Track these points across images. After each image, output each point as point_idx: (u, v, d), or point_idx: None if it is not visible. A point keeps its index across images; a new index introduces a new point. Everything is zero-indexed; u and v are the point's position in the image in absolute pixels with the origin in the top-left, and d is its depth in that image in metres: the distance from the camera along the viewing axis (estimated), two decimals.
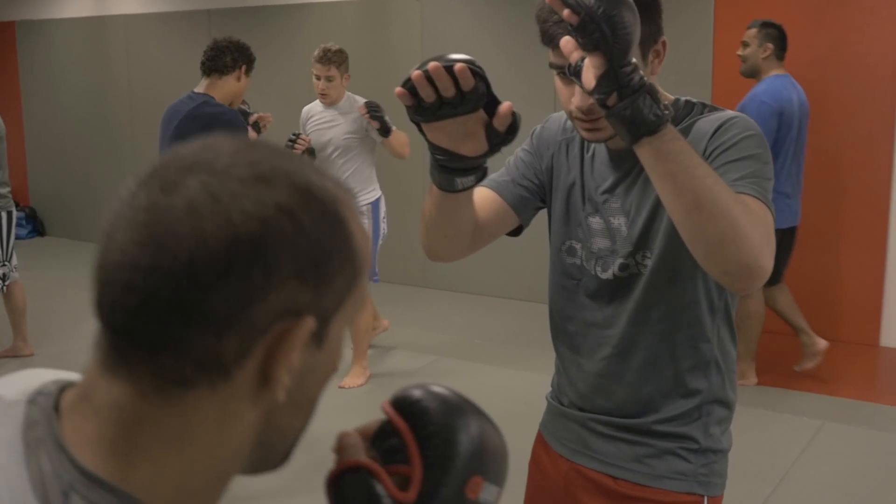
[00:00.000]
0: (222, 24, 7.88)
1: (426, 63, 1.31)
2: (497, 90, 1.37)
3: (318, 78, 4.75)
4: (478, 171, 1.49)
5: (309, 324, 0.69)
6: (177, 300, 0.65)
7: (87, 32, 9.20)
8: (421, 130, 1.42)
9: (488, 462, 0.86)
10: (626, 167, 1.64)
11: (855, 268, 5.65)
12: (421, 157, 6.83)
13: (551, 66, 1.56)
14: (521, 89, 6.21)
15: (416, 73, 1.31)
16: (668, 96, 1.64)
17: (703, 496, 1.67)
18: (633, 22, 1.30)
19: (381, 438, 0.88)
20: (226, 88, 3.91)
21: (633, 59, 1.33)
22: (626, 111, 1.33)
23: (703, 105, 1.64)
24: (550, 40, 1.53)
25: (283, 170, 0.70)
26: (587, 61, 1.36)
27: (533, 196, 1.78)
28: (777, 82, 4.68)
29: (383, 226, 4.98)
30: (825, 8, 5.56)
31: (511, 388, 4.97)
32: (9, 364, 5.49)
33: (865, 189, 5.57)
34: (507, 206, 1.76)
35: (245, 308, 0.66)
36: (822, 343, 4.95)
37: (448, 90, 1.31)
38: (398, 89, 1.34)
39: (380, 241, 4.96)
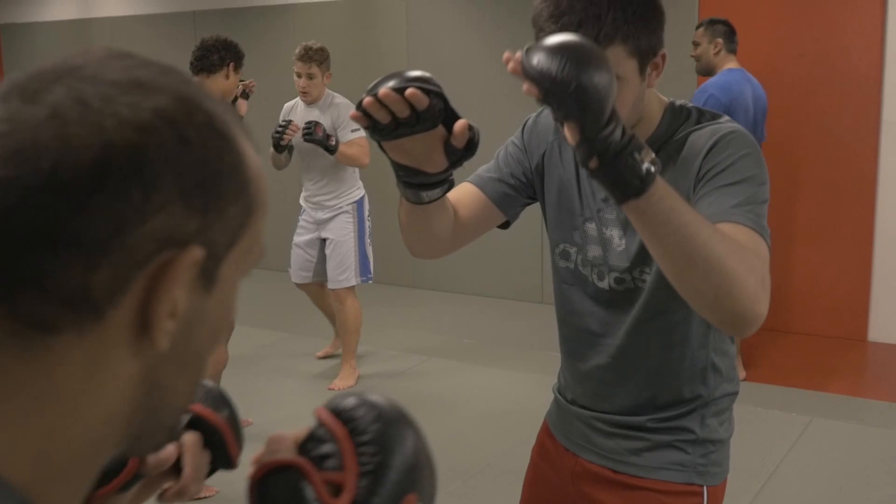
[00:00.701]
0: (207, 26, 7.85)
1: (379, 84, 1.28)
2: (482, 89, 1.37)
3: (300, 76, 4.73)
4: (443, 183, 1.47)
5: (195, 254, 0.59)
6: (39, 221, 0.55)
7: (72, 35, 9.17)
8: (382, 148, 1.39)
9: (423, 480, 0.81)
10: None
11: (842, 263, 5.67)
12: None
13: (527, 93, 1.50)
14: (506, 88, 6.22)
15: (367, 100, 1.27)
16: (662, 99, 1.62)
17: (702, 486, 1.68)
18: (605, 82, 1.22)
19: (313, 444, 0.81)
20: (214, 87, 3.91)
21: (611, 119, 1.24)
22: (608, 175, 1.26)
23: (700, 112, 1.60)
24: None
25: (163, 78, 0.61)
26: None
27: (519, 194, 1.75)
28: (729, 76, 4.70)
29: (368, 223, 4.96)
30: (808, 4, 5.57)
31: (500, 387, 4.97)
32: None
33: (851, 184, 5.59)
34: (492, 203, 1.73)
35: (120, 232, 0.56)
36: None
37: (402, 112, 1.28)
38: (352, 112, 1.32)
39: (367, 239, 4.93)
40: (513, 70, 1.26)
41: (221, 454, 0.94)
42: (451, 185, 1.49)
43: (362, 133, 4.69)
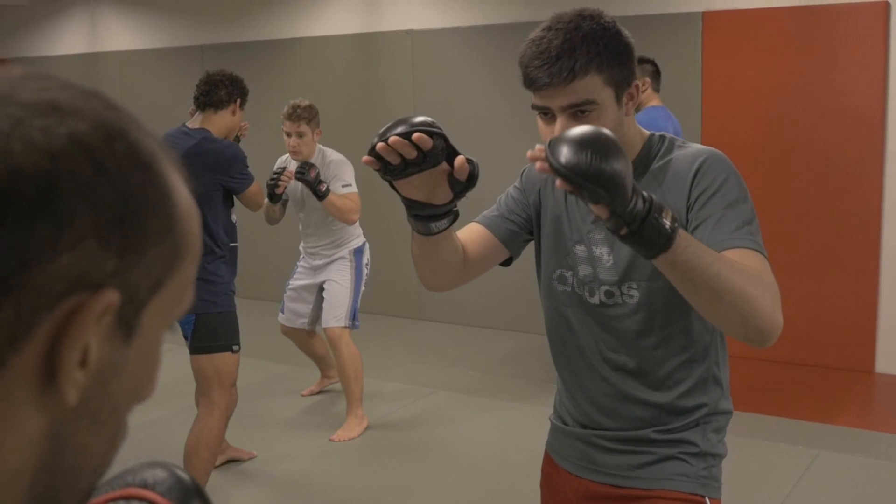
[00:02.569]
0: (215, 60, 7.91)
1: (388, 131, 1.48)
2: (487, 122, 1.49)
3: (289, 135, 4.62)
4: (450, 214, 1.64)
5: (110, 298, 0.53)
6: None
7: (81, 69, 9.24)
8: (393, 186, 1.58)
9: None
10: None
11: (848, 294, 5.66)
12: None
13: (534, 107, 1.67)
14: (511, 122, 6.25)
15: (380, 145, 1.47)
16: (644, 132, 1.78)
17: (704, 497, 1.77)
18: (624, 166, 1.38)
19: None
20: (221, 123, 3.90)
21: (633, 194, 1.39)
22: (639, 240, 1.43)
23: (674, 140, 1.77)
24: (532, 83, 1.64)
25: (83, 102, 0.56)
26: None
27: (521, 230, 1.89)
28: (654, 113, 4.89)
29: (366, 272, 4.91)
30: (810, 37, 5.60)
31: (505, 420, 4.95)
32: None
33: (856, 215, 5.59)
34: (497, 239, 1.87)
35: (25, 269, 0.50)
36: None
37: (410, 153, 1.47)
38: (365, 158, 1.51)
39: (362, 289, 4.88)
40: (541, 169, 1.40)
41: None
42: (456, 216, 1.66)
43: (354, 189, 4.64)
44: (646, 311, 1.74)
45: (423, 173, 1.53)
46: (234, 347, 3.82)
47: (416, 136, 1.46)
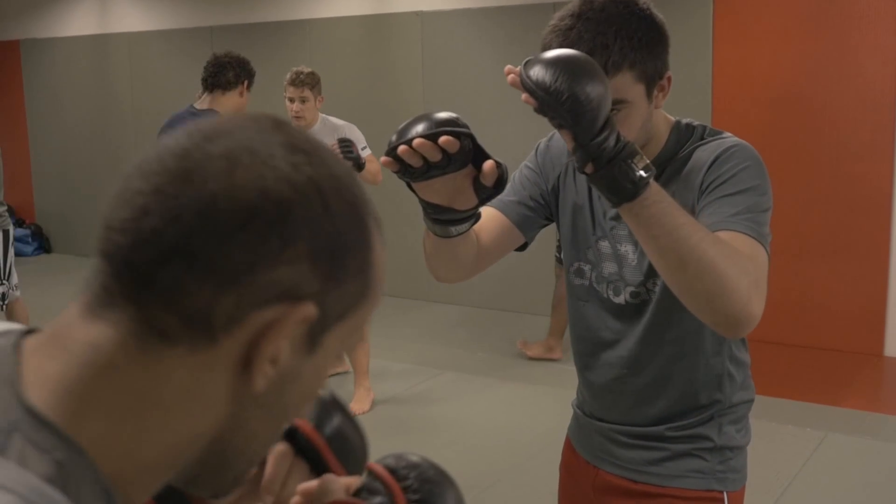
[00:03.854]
0: (224, 41, 7.91)
1: (408, 129, 1.31)
2: (496, 103, 1.39)
3: (292, 100, 4.66)
4: (472, 218, 1.49)
5: (309, 312, 0.65)
6: (188, 238, 0.62)
7: (90, 50, 9.25)
8: (411, 187, 1.42)
9: None
10: None
11: (858, 278, 5.65)
12: None
13: (525, 103, 1.55)
14: (520, 104, 6.22)
15: (402, 149, 1.30)
16: (669, 119, 1.67)
17: (722, 492, 1.72)
18: (598, 93, 1.29)
19: (367, 493, 0.89)
20: (229, 104, 3.93)
21: (604, 128, 1.31)
22: (603, 180, 1.34)
23: (704, 128, 1.65)
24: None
25: (323, 154, 0.69)
26: None
27: (537, 215, 1.79)
28: None
29: None
30: (822, 19, 5.57)
31: (513, 401, 4.97)
32: None
33: (867, 199, 5.58)
34: (513, 225, 1.76)
35: (252, 270, 0.62)
36: (557, 353, 5.63)
37: (434, 156, 1.30)
38: (384, 158, 1.34)
39: None
40: (512, 82, 1.33)
41: (321, 466, 0.95)
42: (478, 219, 1.52)
43: (370, 150, 4.72)
44: (661, 306, 1.66)
45: (447, 176, 1.35)
46: None
47: (442, 140, 1.28)
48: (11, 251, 5.44)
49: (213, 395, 0.65)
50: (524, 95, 1.31)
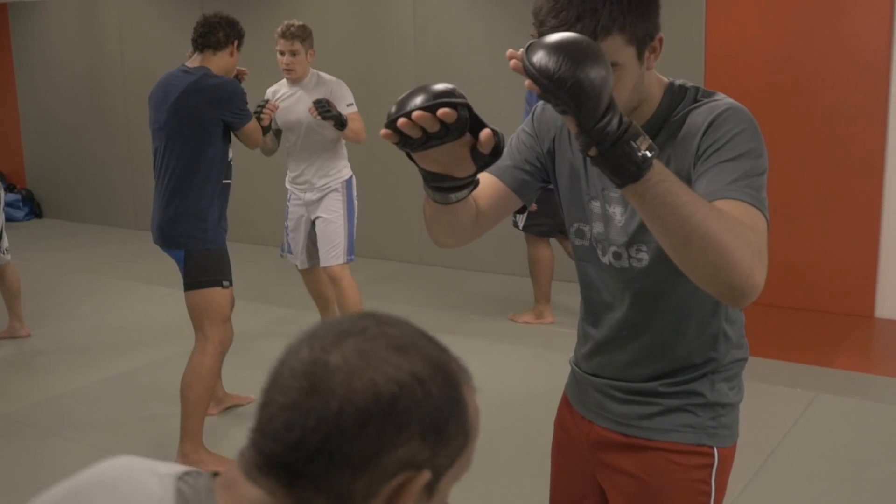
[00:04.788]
0: (214, 3, 7.85)
1: (407, 101, 1.35)
2: (488, 67, 1.40)
3: (283, 53, 4.66)
4: (470, 185, 1.53)
5: (426, 476, 0.84)
6: (326, 441, 0.81)
7: (79, 12, 9.17)
8: (411, 158, 1.46)
9: None
10: None
11: (850, 239, 5.67)
12: None
13: (528, 89, 1.54)
14: (513, 72, 6.20)
15: (402, 121, 1.34)
16: (662, 80, 1.67)
17: (712, 447, 1.75)
18: (600, 77, 1.30)
19: None
20: (220, 63, 3.92)
21: (608, 110, 1.32)
22: (607, 163, 1.35)
23: (697, 90, 1.66)
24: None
25: (419, 344, 0.88)
26: None
27: (534, 178, 1.81)
28: None
29: (357, 203, 4.91)
30: None
31: (507, 363, 5.00)
32: (6, 345, 5.51)
33: (859, 160, 5.58)
34: (510, 190, 1.80)
35: (378, 455, 0.82)
36: (549, 317, 5.65)
37: (433, 127, 1.34)
38: (383, 131, 1.36)
39: (354, 220, 4.87)
40: (514, 67, 1.34)
41: None
42: (476, 185, 1.55)
43: (355, 108, 4.69)
44: (656, 275, 1.68)
45: (445, 145, 1.39)
46: (225, 283, 3.84)
47: (441, 112, 1.32)
48: (2, 216, 5.43)
49: None
50: (527, 82, 1.32)
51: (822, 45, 5.58)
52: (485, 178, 1.75)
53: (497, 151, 1.40)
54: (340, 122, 4.53)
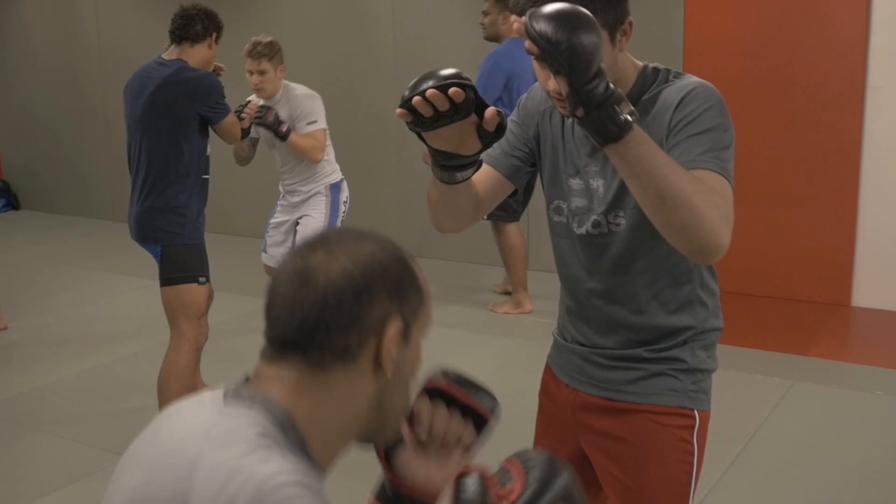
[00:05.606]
0: None
1: (420, 84, 1.50)
2: (468, 55, 1.45)
3: (251, 73, 4.53)
4: (475, 164, 1.69)
5: (398, 323, 1.14)
6: (320, 316, 1.10)
7: (57, 4, 9.09)
8: (422, 138, 1.61)
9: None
10: None
11: (826, 228, 5.70)
12: (395, 135, 6.85)
13: (528, 51, 1.66)
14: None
15: (416, 99, 1.49)
16: (637, 63, 1.81)
17: (693, 409, 1.87)
18: (592, 44, 1.45)
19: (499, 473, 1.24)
20: (197, 56, 3.88)
21: (597, 76, 1.46)
22: (592, 124, 1.49)
23: (668, 71, 1.80)
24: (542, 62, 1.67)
25: (370, 236, 1.18)
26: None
27: (524, 163, 1.96)
28: (512, 45, 5.31)
29: (343, 209, 4.85)
30: None
31: (489, 354, 5.01)
32: None
33: (836, 149, 5.61)
34: (503, 176, 1.95)
35: (360, 316, 1.11)
36: (527, 306, 5.71)
37: (443, 106, 1.49)
38: (399, 110, 1.52)
39: (337, 223, 4.80)
40: (517, 30, 1.50)
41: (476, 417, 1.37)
42: (479, 165, 1.71)
43: (321, 126, 4.60)
44: (632, 238, 1.80)
45: (454, 125, 1.54)
46: (201, 279, 3.82)
47: (451, 90, 1.47)
48: None
49: (364, 388, 1.14)
50: (527, 43, 1.47)
51: (800, 33, 5.60)
52: (485, 171, 1.92)
53: (501, 129, 1.56)
54: (276, 133, 4.43)
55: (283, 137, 4.48)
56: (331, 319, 1.10)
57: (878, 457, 3.68)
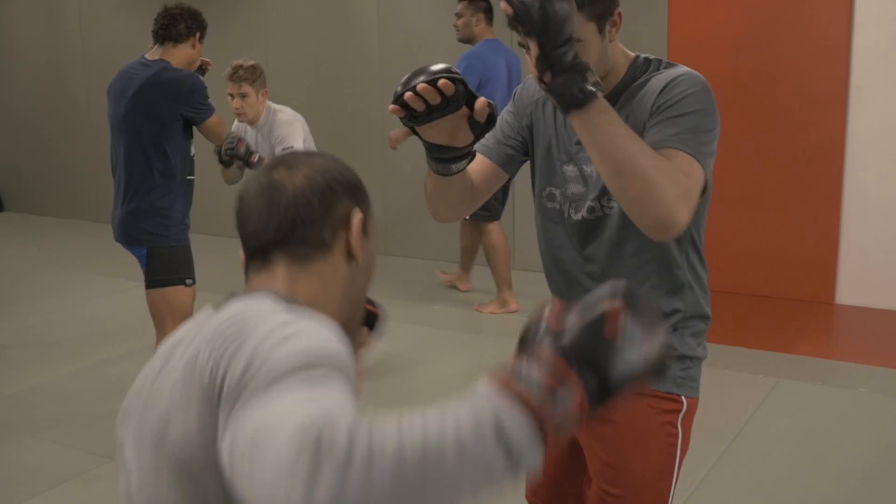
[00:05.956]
0: None
1: (411, 81, 1.58)
2: (455, 58, 1.51)
3: (232, 97, 4.41)
4: (468, 155, 1.75)
5: (360, 216, 1.31)
6: (294, 216, 1.27)
7: (40, 5, 9.05)
8: (416, 133, 1.68)
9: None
10: None
11: (810, 226, 5.73)
12: (381, 136, 6.84)
13: (520, 44, 1.73)
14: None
15: (408, 95, 1.57)
16: (629, 54, 1.87)
17: (681, 395, 1.91)
18: (563, 11, 1.51)
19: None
20: (181, 56, 3.87)
21: (566, 43, 1.52)
22: (557, 88, 1.56)
23: (660, 62, 1.86)
24: (515, 27, 1.73)
25: (320, 152, 1.38)
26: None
27: (517, 152, 2.02)
28: (486, 47, 5.42)
29: None
30: None
31: (473, 353, 5.01)
32: None
33: (819, 148, 5.64)
34: (497, 166, 2.00)
35: (328, 213, 1.29)
36: (513, 305, 5.72)
37: (434, 99, 1.57)
38: (392, 106, 1.60)
39: None
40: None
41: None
42: (473, 156, 1.78)
43: (296, 147, 4.38)
44: (623, 220, 1.81)
45: (445, 118, 1.62)
46: (188, 281, 3.81)
47: (441, 82, 1.55)
48: None
49: (341, 271, 1.31)
50: (503, 4, 1.53)
51: (783, 33, 5.63)
52: (476, 157, 1.95)
53: (491, 120, 1.64)
54: (247, 163, 4.25)
55: (254, 167, 4.26)
56: (304, 216, 1.27)
57: (863, 453, 3.71)
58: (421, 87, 1.55)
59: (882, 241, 5.57)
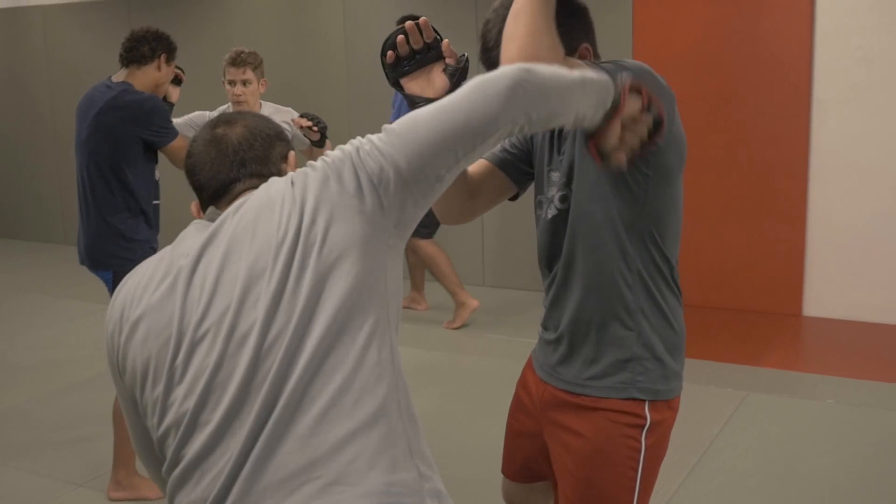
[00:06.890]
0: (141, 15, 7.76)
1: (396, 34, 1.79)
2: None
3: (233, 83, 4.26)
4: None
5: (293, 153, 1.65)
6: (246, 154, 1.57)
7: (3, 25, 8.99)
8: (400, 88, 1.86)
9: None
10: (572, 131, 1.92)
11: (776, 239, 5.78)
12: None
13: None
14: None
15: (400, 38, 1.80)
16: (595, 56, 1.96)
17: (644, 408, 1.94)
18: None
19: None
20: (145, 78, 3.83)
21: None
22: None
23: (606, 64, 1.88)
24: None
25: (256, 114, 1.67)
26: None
27: (517, 160, 2.09)
28: None
29: None
30: None
31: (442, 370, 5.00)
32: None
33: (784, 161, 5.69)
34: (505, 175, 2.08)
35: (271, 151, 1.60)
36: (472, 302, 5.77)
37: (418, 42, 1.80)
38: (389, 53, 1.82)
39: None
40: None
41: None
42: None
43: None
44: (576, 206, 1.89)
45: (423, 69, 1.84)
46: None
47: (422, 20, 1.80)
48: None
49: None
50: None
51: (745, 47, 5.69)
52: (482, 163, 2.09)
53: (465, 67, 1.83)
54: (324, 139, 4.01)
55: (323, 142, 4.23)
56: (250, 156, 1.56)
57: (832, 464, 3.73)
58: (409, 25, 1.78)
59: (848, 253, 5.63)
